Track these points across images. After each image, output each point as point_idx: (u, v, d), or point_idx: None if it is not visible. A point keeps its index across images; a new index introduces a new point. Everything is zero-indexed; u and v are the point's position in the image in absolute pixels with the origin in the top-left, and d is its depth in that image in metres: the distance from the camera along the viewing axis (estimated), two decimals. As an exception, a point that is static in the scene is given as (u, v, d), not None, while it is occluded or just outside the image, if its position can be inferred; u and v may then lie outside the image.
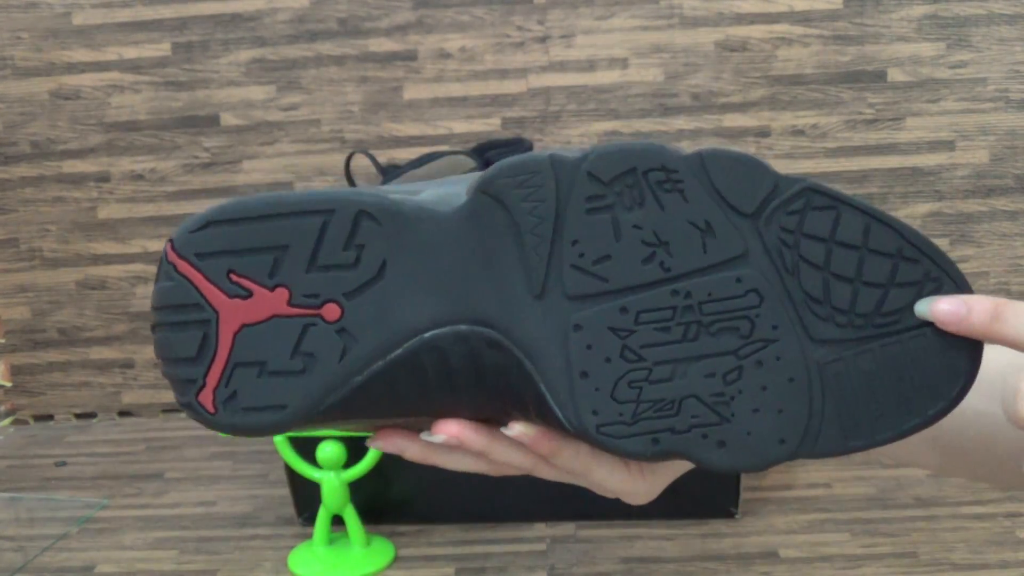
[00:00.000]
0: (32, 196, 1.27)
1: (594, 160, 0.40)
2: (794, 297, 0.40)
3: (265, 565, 0.89)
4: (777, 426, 0.39)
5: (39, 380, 1.31)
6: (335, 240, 0.41)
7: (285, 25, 1.23)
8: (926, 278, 0.39)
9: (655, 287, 0.40)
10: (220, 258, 0.42)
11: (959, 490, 0.95)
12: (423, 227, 0.41)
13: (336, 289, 0.41)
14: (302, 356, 0.41)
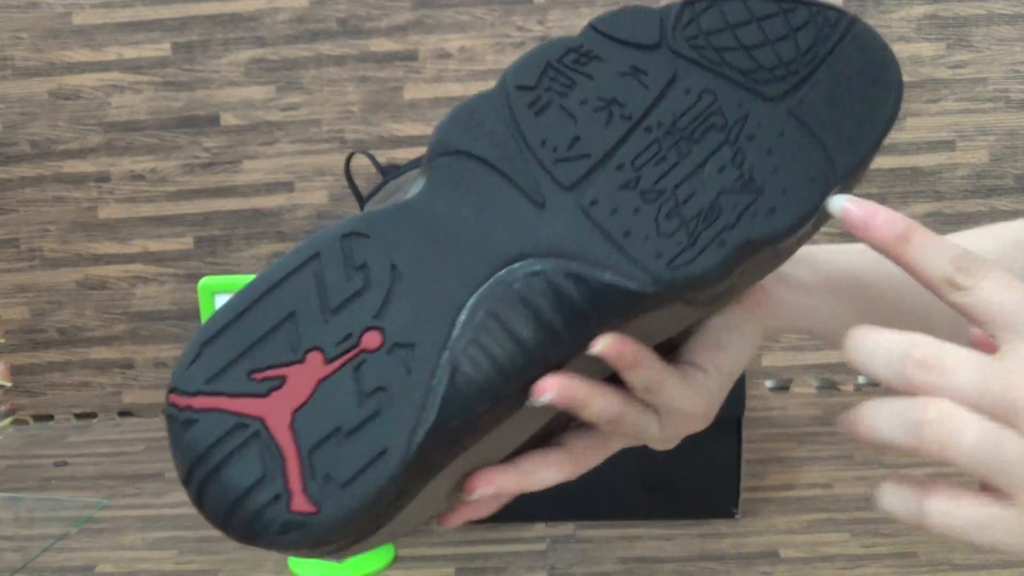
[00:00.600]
0: (32, 196, 1.27)
1: (514, 74, 0.43)
2: (734, 78, 0.43)
3: (265, 565, 0.89)
4: (801, 172, 0.42)
5: (39, 380, 1.31)
6: (336, 276, 0.40)
7: (285, 25, 1.23)
8: (811, 16, 0.44)
9: (629, 135, 0.42)
10: (232, 369, 0.39)
11: (959, 490, 0.94)
12: (408, 215, 0.41)
13: (364, 317, 0.40)
14: (371, 396, 0.39)
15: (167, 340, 1.29)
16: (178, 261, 1.27)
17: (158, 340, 1.29)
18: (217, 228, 1.27)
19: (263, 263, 1.27)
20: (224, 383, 0.39)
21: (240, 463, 0.38)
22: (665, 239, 0.41)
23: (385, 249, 0.41)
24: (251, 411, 0.39)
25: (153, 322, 1.29)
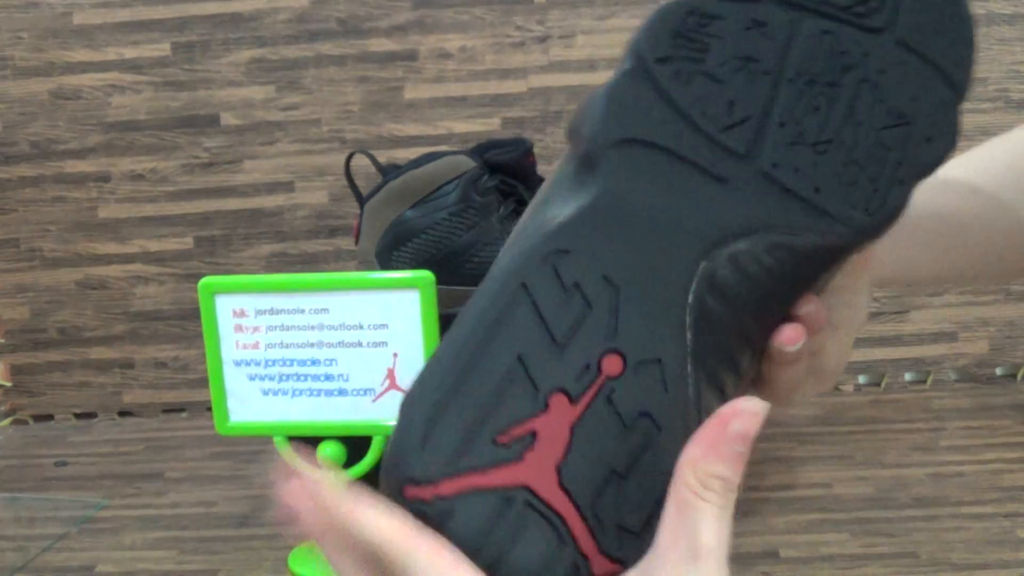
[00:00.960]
0: (32, 196, 1.27)
1: (649, 48, 0.41)
2: (840, 16, 0.42)
3: (265, 565, 0.89)
4: (933, 96, 0.41)
5: (39, 380, 1.31)
6: (553, 304, 0.37)
7: (285, 25, 1.23)
8: None
9: (778, 90, 0.41)
10: (473, 439, 0.35)
11: (959, 490, 0.95)
12: (599, 218, 0.38)
13: (597, 342, 0.37)
14: (634, 426, 0.36)
15: (167, 340, 1.29)
16: (178, 261, 1.27)
17: (158, 340, 1.29)
18: (217, 228, 1.27)
19: (263, 263, 1.27)
20: (469, 458, 0.35)
21: (522, 543, 0.35)
22: (851, 188, 0.40)
23: (591, 261, 0.38)
24: (511, 481, 0.35)
25: (153, 322, 1.29)
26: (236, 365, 0.87)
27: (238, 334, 0.87)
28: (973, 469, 0.99)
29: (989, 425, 1.09)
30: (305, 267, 1.27)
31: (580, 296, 0.37)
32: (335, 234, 1.26)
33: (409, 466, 0.35)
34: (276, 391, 0.88)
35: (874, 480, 0.98)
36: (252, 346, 0.87)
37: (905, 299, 1.24)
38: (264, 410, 0.88)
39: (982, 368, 1.24)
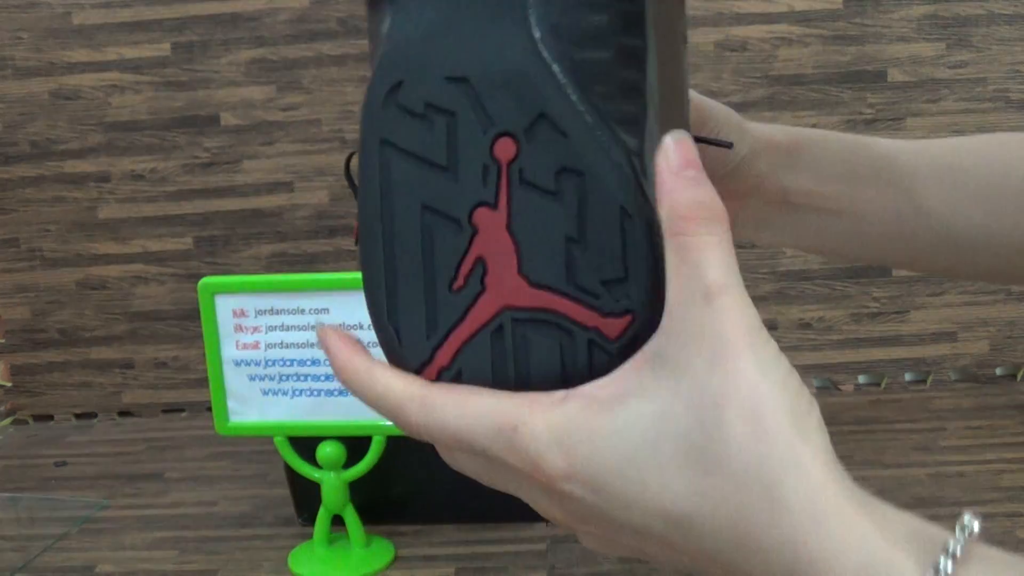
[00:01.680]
0: (32, 196, 1.27)
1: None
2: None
3: (265, 565, 0.89)
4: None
5: (39, 380, 1.31)
6: (419, 138, 0.36)
7: (285, 25, 1.23)
8: None
9: None
10: (437, 308, 0.36)
11: (959, 490, 0.95)
12: (406, 29, 0.37)
13: (478, 140, 0.35)
14: (560, 189, 0.35)
15: (167, 340, 1.29)
16: (178, 261, 1.27)
17: (158, 340, 1.29)
18: (217, 228, 1.27)
19: (263, 263, 1.27)
20: (443, 320, 0.36)
21: (535, 356, 0.36)
22: None
23: (424, 74, 0.36)
24: (490, 313, 0.36)
25: (153, 322, 1.29)
26: (236, 365, 0.87)
27: (238, 334, 0.87)
28: (973, 469, 0.99)
29: (989, 425, 1.09)
30: (305, 267, 1.27)
31: (437, 111, 0.36)
32: (335, 234, 1.26)
33: (403, 362, 0.37)
34: (276, 391, 0.88)
35: (874, 480, 0.98)
36: (252, 346, 0.87)
37: (905, 299, 1.24)
38: (264, 410, 0.88)
39: (982, 368, 1.24)
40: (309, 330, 0.86)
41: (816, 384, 1.25)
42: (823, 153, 0.56)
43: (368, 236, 0.37)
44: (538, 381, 0.36)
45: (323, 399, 0.87)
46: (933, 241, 0.56)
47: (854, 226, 0.56)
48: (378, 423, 0.87)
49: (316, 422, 0.87)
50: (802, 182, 0.55)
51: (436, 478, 0.94)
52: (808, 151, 0.55)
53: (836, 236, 0.56)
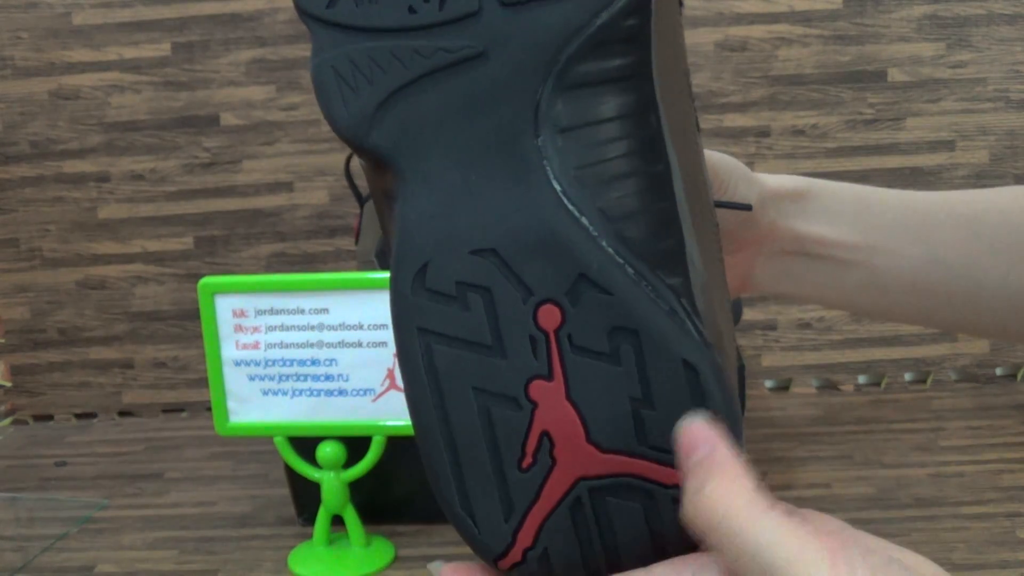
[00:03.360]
0: (32, 196, 1.27)
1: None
2: None
3: (265, 565, 0.89)
4: None
5: (39, 380, 1.31)
6: (457, 321, 0.35)
7: (285, 25, 1.23)
8: None
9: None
10: (508, 491, 0.35)
11: (959, 490, 0.95)
12: (422, 207, 0.35)
13: (521, 312, 0.34)
14: (615, 349, 0.34)
15: (167, 340, 1.29)
16: (178, 261, 1.27)
17: (158, 340, 1.29)
18: (217, 228, 1.27)
19: (263, 263, 1.27)
20: (518, 502, 0.35)
21: (619, 524, 0.34)
22: None
23: (451, 253, 0.34)
24: (564, 487, 0.34)
25: (153, 322, 1.29)
26: (236, 365, 0.87)
27: (238, 334, 0.87)
28: (973, 469, 0.99)
29: (989, 425, 1.09)
30: (305, 267, 1.27)
31: (470, 289, 0.34)
32: (335, 234, 1.26)
33: (485, 549, 0.35)
34: (276, 391, 0.88)
35: (874, 480, 0.98)
36: (252, 346, 0.87)
37: (905, 299, 1.24)
38: (264, 410, 0.88)
39: (982, 368, 1.24)
40: (309, 330, 0.86)
41: (815, 384, 1.25)
42: (833, 200, 0.55)
43: (424, 428, 0.35)
44: (626, 547, 0.35)
45: (323, 399, 0.87)
46: (953, 294, 0.54)
47: (872, 277, 0.55)
48: (378, 423, 0.87)
49: (316, 422, 0.87)
50: (815, 229, 0.55)
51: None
52: (818, 198, 0.55)
53: (855, 288, 0.55)
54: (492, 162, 0.34)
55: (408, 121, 0.35)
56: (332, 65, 0.35)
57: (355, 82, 0.35)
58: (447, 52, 0.34)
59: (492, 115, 0.34)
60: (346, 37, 0.35)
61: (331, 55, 0.35)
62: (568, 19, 0.34)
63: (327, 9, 0.35)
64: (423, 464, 0.36)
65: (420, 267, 0.34)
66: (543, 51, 0.34)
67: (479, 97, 0.34)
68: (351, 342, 0.86)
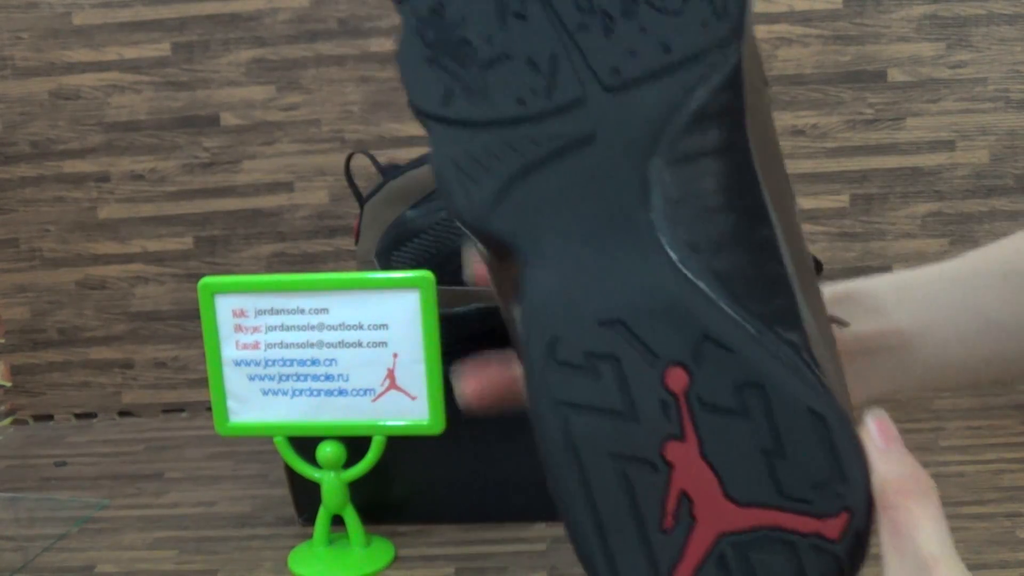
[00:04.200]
0: (32, 196, 1.27)
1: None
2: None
3: (265, 565, 0.89)
4: None
5: (39, 380, 1.31)
6: (591, 392, 0.36)
7: (285, 25, 1.23)
8: None
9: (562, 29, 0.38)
10: (652, 552, 0.36)
11: (959, 490, 0.95)
12: (548, 289, 0.36)
13: (649, 378, 0.35)
14: (745, 405, 0.35)
15: (167, 340, 1.29)
16: (178, 261, 1.27)
17: (158, 340, 1.29)
18: (217, 228, 1.27)
19: (263, 263, 1.27)
20: (662, 562, 0.35)
21: (762, 570, 0.35)
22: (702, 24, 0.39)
23: (579, 324, 0.36)
24: (706, 544, 0.35)
25: (153, 322, 1.29)
26: (236, 365, 0.87)
27: (238, 334, 0.87)
28: (973, 469, 0.99)
29: (989, 425, 1.09)
30: (305, 267, 1.27)
31: (599, 358, 0.36)
32: (335, 234, 1.26)
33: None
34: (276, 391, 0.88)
35: (874, 480, 0.98)
36: (252, 346, 0.87)
37: (905, 299, 1.24)
38: (264, 410, 0.88)
39: (982, 368, 1.24)
40: (309, 330, 0.86)
41: (816, 384, 1.25)
42: (874, 294, 0.56)
43: (566, 496, 0.36)
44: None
45: (323, 399, 0.87)
46: (1013, 348, 0.55)
47: (934, 353, 0.55)
48: (378, 423, 0.87)
49: (316, 422, 0.87)
50: (865, 326, 0.55)
51: (436, 478, 0.94)
52: (859, 296, 0.55)
53: (922, 369, 0.55)
54: (609, 237, 0.36)
55: (526, 205, 0.36)
56: (452, 159, 0.37)
57: (475, 173, 0.37)
58: (558, 138, 0.36)
59: (605, 192, 0.36)
60: (463, 132, 0.37)
61: (450, 150, 0.37)
62: (667, 97, 0.36)
63: (442, 108, 0.38)
64: (565, 530, 0.37)
65: (550, 342, 0.36)
66: (647, 129, 0.36)
67: (591, 177, 0.36)
68: (351, 342, 0.86)
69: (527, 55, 0.37)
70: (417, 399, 0.85)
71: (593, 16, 0.36)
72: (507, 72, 0.37)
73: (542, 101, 0.36)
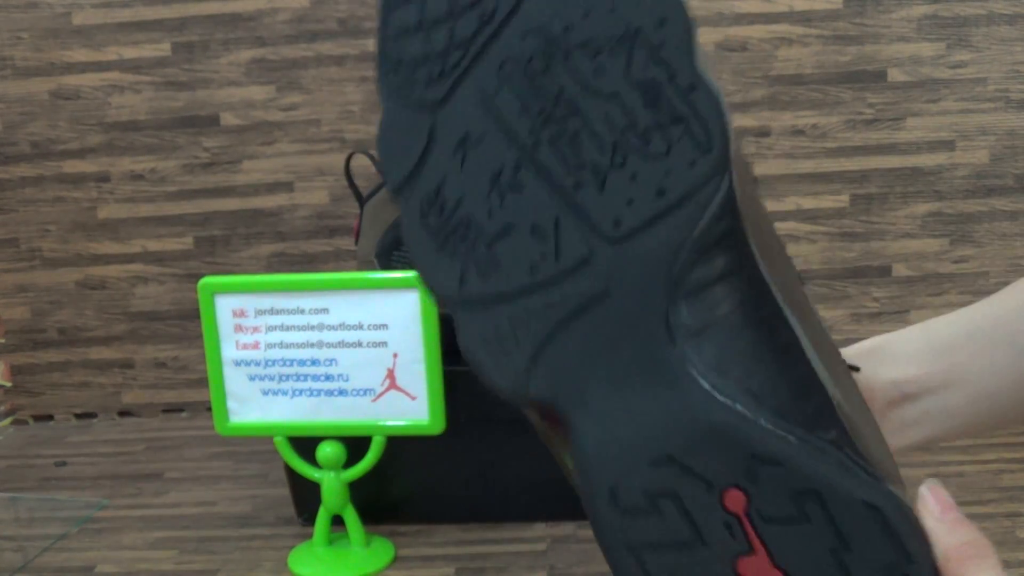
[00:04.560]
0: (32, 196, 1.27)
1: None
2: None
3: (265, 565, 0.89)
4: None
5: (39, 380, 1.31)
6: (658, 528, 0.37)
7: (285, 25, 1.23)
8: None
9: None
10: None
11: (959, 490, 0.95)
12: (592, 439, 0.38)
13: (710, 502, 0.37)
14: (804, 511, 0.37)
15: (167, 340, 1.29)
16: (178, 261, 1.27)
17: (158, 340, 1.29)
18: (217, 228, 1.27)
19: (263, 263, 1.27)
20: None
21: None
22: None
23: (632, 470, 0.37)
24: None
25: (153, 322, 1.29)
26: (236, 365, 0.87)
27: (238, 334, 0.87)
28: (973, 469, 0.99)
29: (989, 425, 1.09)
30: (305, 267, 1.27)
31: (659, 497, 0.37)
32: (335, 234, 1.26)
33: None
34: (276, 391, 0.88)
35: (874, 480, 0.98)
36: (252, 346, 0.87)
37: (905, 299, 1.24)
38: (264, 410, 0.88)
39: (982, 368, 1.24)
40: (309, 330, 0.86)
41: (816, 384, 1.25)
42: (904, 342, 0.57)
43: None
44: None
45: (323, 399, 0.87)
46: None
47: (973, 391, 0.56)
48: (378, 423, 0.87)
49: (316, 422, 0.87)
50: (904, 371, 0.56)
51: (436, 478, 0.94)
52: (890, 346, 0.57)
53: (966, 408, 0.57)
54: (643, 378, 0.37)
55: (559, 366, 0.38)
56: (479, 337, 0.38)
57: (503, 347, 0.38)
58: (574, 297, 0.38)
59: (630, 338, 0.37)
60: (483, 309, 0.38)
61: (475, 329, 0.38)
62: (670, 238, 0.37)
63: (460, 290, 0.38)
64: None
65: (611, 491, 0.37)
66: (657, 272, 0.37)
67: (614, 327, 0.37)
68: (351, 342, 0.86)
69: (530, 223, 0.38)
70: (417, 399, 0.85)
71: (584, 173, 0.37)
72: (514, 244, 0.38)
73: (552, 266, 0.38)
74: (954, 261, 1.24)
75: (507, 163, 0.38)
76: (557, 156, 0.38)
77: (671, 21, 0.36)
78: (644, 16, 0.37)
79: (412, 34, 0.39)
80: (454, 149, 0.38)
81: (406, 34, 0.39)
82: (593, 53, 0.37)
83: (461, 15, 0.38)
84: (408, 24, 0.39)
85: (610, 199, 0.37)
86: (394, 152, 0.39)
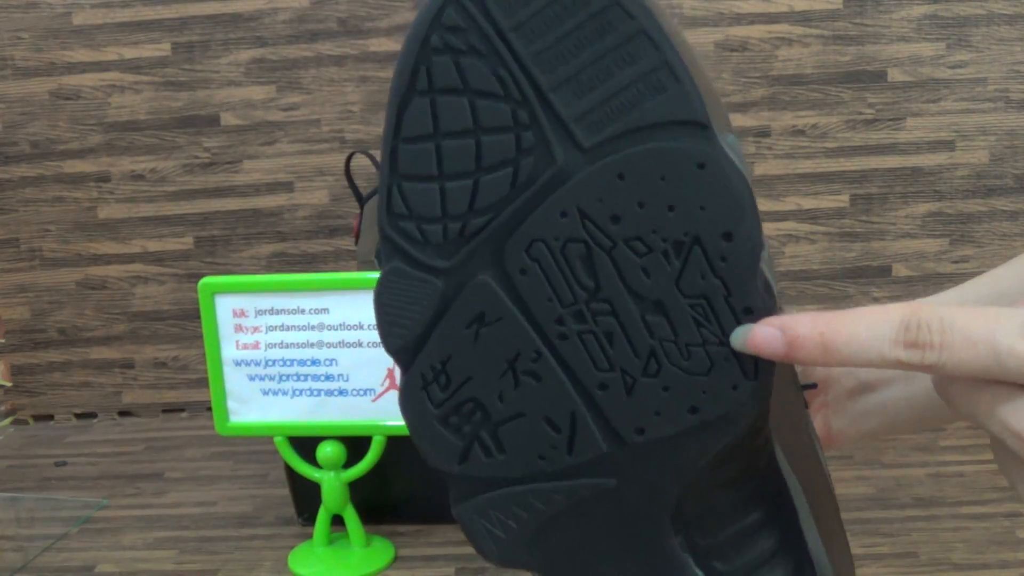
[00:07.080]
0: (32, 196, 1.27)
1: None
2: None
3: (265, 565, 0.89)
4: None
5: (39, 380, 1.31)
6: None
7: (285, 25, 1.23)
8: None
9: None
10: None
11: (959, 490, 0.95)
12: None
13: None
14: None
15: (167, 340, 1.29)
16: (178, 261, 1.27)
17: (158, 340, 1.29)
18: (217, 228, 1.27)
19: (263, 263, 1.27)
20: None
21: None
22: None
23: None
24: None
25: (153, 322, 1.29)
26: (236, 365, 0.87)
27: (238, 334, 0.87)
28: (973, 469, 0.99)
29: (989, 425, 1.09)
30: (305, 267, 1.27)
31: None
32: (335, 234, 1.26)
33: None
34: (276, 391, 0.88)
35: (874, 480, 0.98)
36: (252, 346, 0.87)
37: (905, 299, 1.24)
38: (264, 410, 0.88)
39: (982, 368, 1.24)
40: (309, 330, 0.86)
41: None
42: None
43: None
44: None
45: (323, 399, 0.87)
46: None
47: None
48: (378, 423, 0.87)
49: (316, 422, 0.87)
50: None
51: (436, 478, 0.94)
52: None
53: (924, 399, 0.56)
54: (642, 565, 0.37)
55: (557, 548, 0.37)
56: (474, 512, 0.37)
57: (500, 525, 0.37)
58: (582, 490, 0.36)
59: (633, 529, 0.36)
60: (484, 486, 0.37)
61: (471, 504, 0.37)
62: (692, 451, 0.35)
63: (461, 466, 0.37)
64: None
65: None
66: (671, 479, 0.35)
67: (618, 518, 0.37)
68: (351, 342, 0.86)
69: (544, 414, 0.36)
70: (417, 399, 0.85)
71: (611, 375, 0.35)
72: (524, 430, 0.36)
73: (563, 458, 0.36)
74: (954, 261, 1.24)
75: (526, 350, 0.35)
76: (584, 353, 0.35)
77: (738, 238, 0.33)
78: (707, 224, 0.33)
79: (428, 181, 0.35)
80: (467, 324, 0.35)
81: (421, 179, 0.34)
82: (642, 252, 0.34)
83: (491, 171, 0.34)
84: (424, 170, 0.34)
85: (637, 406, 0.35)
86: (395, 316, 0.36)
